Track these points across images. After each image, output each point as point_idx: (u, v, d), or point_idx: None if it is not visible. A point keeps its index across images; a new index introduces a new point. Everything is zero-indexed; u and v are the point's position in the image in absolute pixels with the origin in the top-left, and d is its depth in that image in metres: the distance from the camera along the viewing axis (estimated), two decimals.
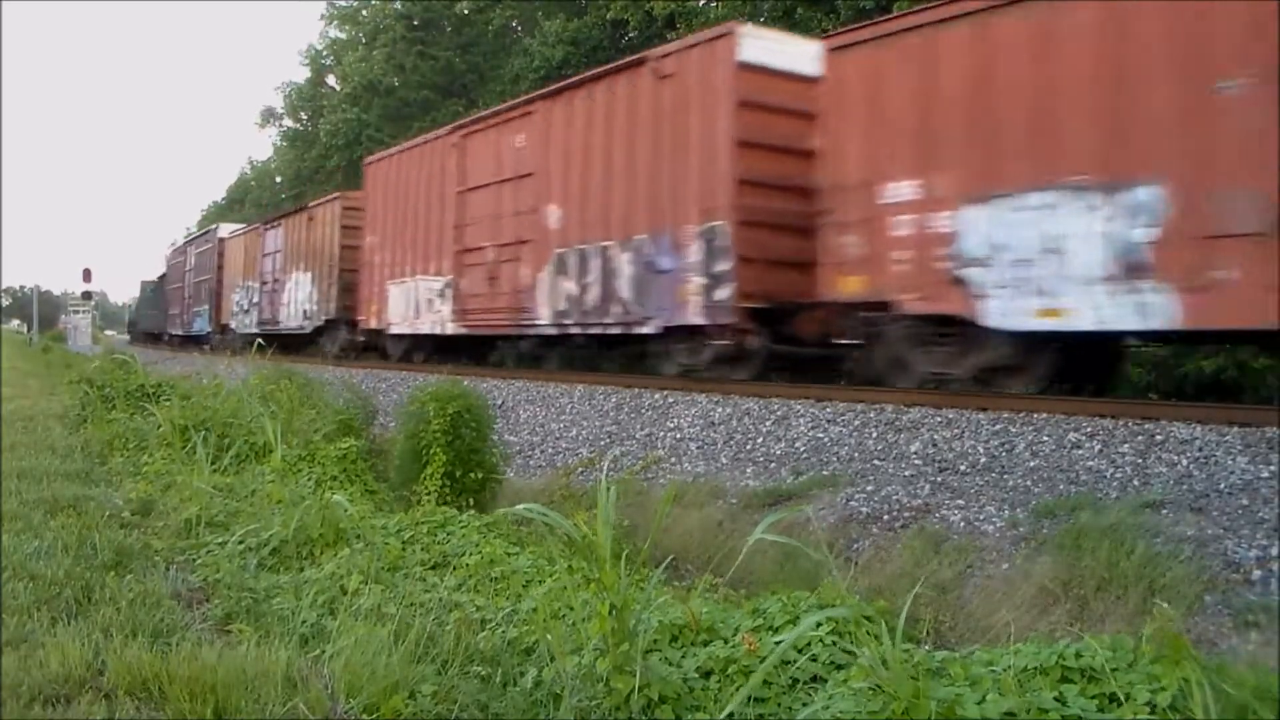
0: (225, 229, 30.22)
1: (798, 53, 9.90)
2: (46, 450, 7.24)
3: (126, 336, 56.77)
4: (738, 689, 2.78)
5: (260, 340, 21.72)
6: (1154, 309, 6.48)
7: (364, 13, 38.51)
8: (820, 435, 7.41)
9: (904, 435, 6.93)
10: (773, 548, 5.01)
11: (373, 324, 17.26)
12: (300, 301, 21.41)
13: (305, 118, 44.90)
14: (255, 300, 24.64)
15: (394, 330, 16.39)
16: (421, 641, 3.09)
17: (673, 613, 3.27)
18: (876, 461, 6.63)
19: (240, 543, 4.48)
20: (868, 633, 2.67)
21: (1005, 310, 7.41)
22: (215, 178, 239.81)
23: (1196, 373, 10.31)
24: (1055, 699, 2.43)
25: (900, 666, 2.42)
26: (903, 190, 8.14)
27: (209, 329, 29.39)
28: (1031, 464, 5.94)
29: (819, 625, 2.92)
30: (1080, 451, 5.93)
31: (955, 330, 7.94)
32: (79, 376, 11.14)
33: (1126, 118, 6.66)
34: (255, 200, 54.34)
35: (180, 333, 34.75)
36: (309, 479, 6.27)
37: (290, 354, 21.64)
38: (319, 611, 3.54)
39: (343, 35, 41.37)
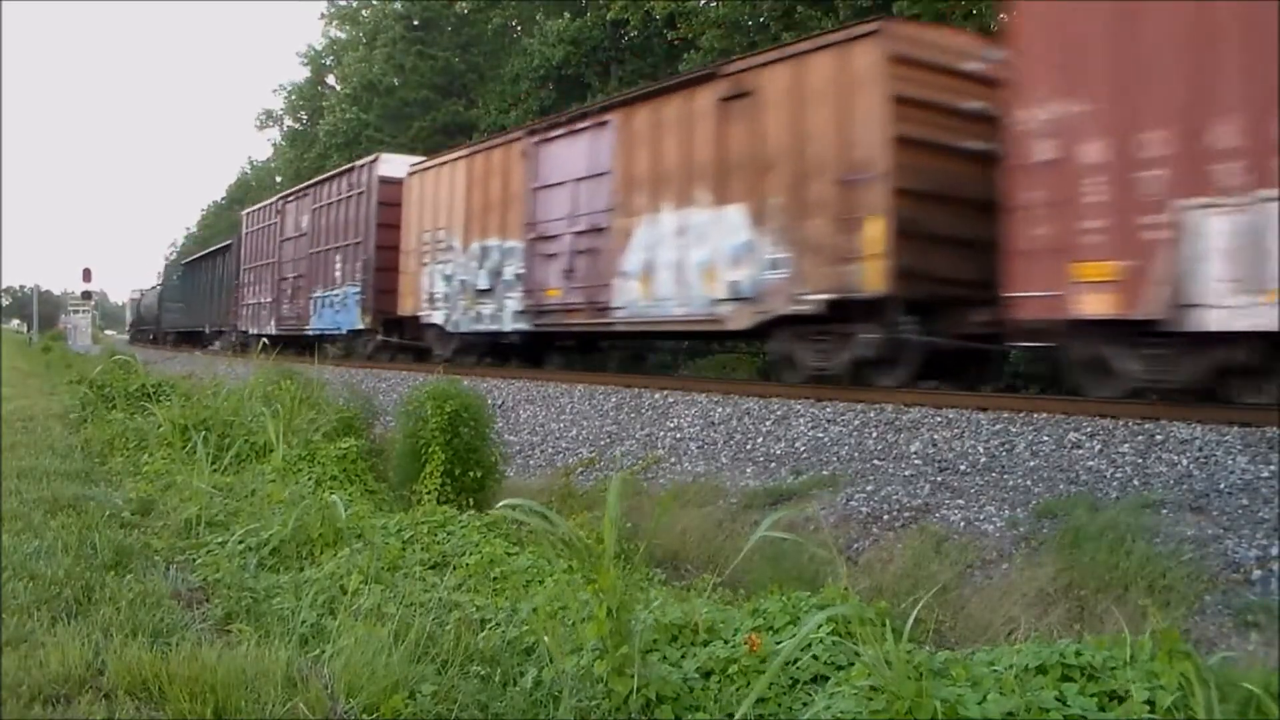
0: (398, 162, 17.87)
1: None
2: (46, 450, 7.24)
3: (126, 336, 55.15)
4: (738, 689, 2.79)
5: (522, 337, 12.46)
6: None
7: (364, 13, 38.53)
8: (820, 435, 7.41)
9: (904, 435, 6.93)
10: (770, 548, 5.01)
11: (1154, 306, 6.45)
12: (702, 263, 10.23)
13: (305, 117, 44.93)
14: (515, 271, 13.25)
15: None
16: (421, 641, 3.09)
17: (672, 613, 3.27)
18: (876, 461, 6.63)
19: (240, 542, 4.48)
20: (870, 633, 2.67)
21: None
22: (215, 178, 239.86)
23: None
24: (1056, 698, 2.43)
25: (904, 666, 2.42)
26: None
27: (360, 324, 17.84)
28: (1031, 464, 5.94)
29: (819, 625, 2.92)
30: (1080, 451, 5.93)
31: None
32: (79, 377, 11.13)
33: None
34: (256, 200, 54.27)
35: (273, 331, 21.38)
36: (309, 479, 6.27)
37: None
38: (319, 611, 3.54)
39: (343, 35, 41.40)
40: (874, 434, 7.11)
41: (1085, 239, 6.83)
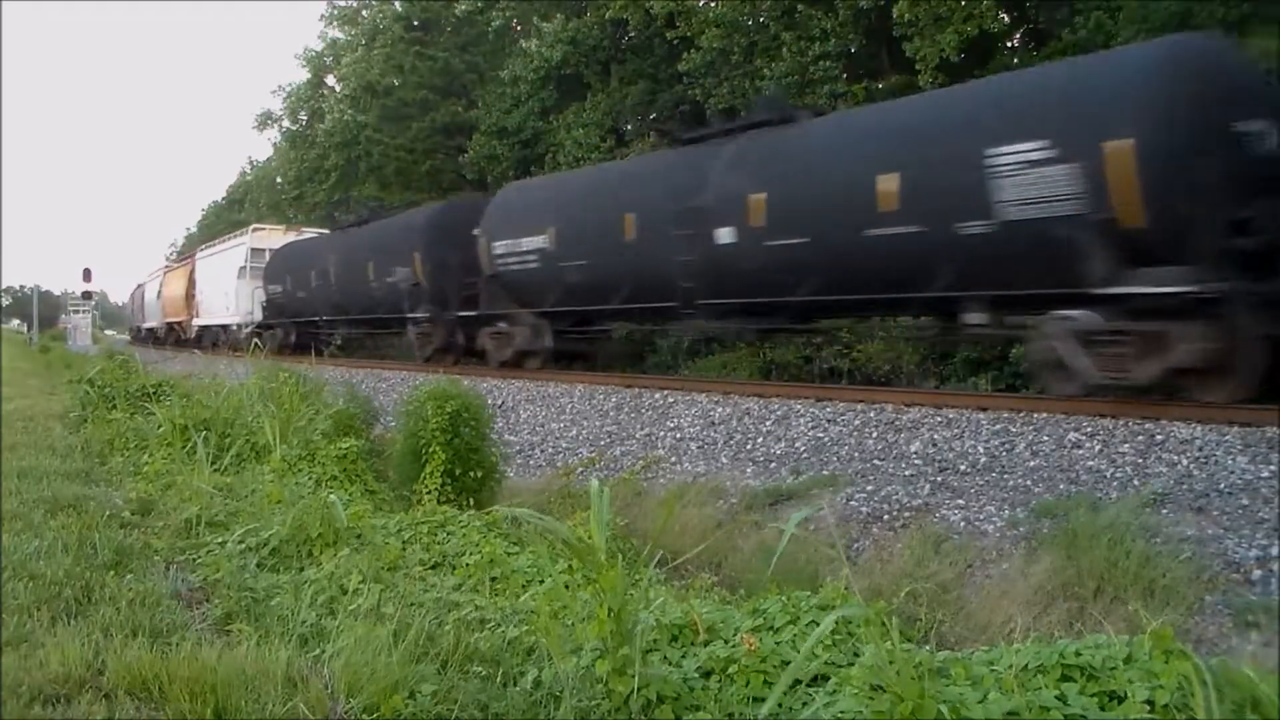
0: None
1: None
2: (47, 450, 7.23)
3: (126, 336, 54.10)
4: (738, 689, 2.78)
5: None
6: None
7: (363, 13, 38.47)
8: (820, 435, 7.40)
9: (904, 435, 6.93)
10: (764, 548, 5.01)
11: None
12: None
13: (304, 119, 44.85)
14: None
15: None
16: (421, 641, 3.08)
17: (672, 613, 3.27)
18: (876, 461, 6.62)
19: (240, 542, 4.47)
20: (871, 633, 2.66)
21: None
22: (215, 178, 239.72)
23: None
24: (1056, 698, 2.43)
25: (907, 667, 2.42)
26: None
27: None
28: (1031, 464, 5.93)
29: (828, 628, 2.91)
30: (1080, 451, 5.93)
31: None
32: (79, 376, 11.11)
33: None
34: (255, 200, 54.20)
35: None
36: (309, 479, 6.26)
37: None
38: (318, 611, 3.53)
39: (342, 36, 41.32)
40: (874, 434, 7.11)
41: None
